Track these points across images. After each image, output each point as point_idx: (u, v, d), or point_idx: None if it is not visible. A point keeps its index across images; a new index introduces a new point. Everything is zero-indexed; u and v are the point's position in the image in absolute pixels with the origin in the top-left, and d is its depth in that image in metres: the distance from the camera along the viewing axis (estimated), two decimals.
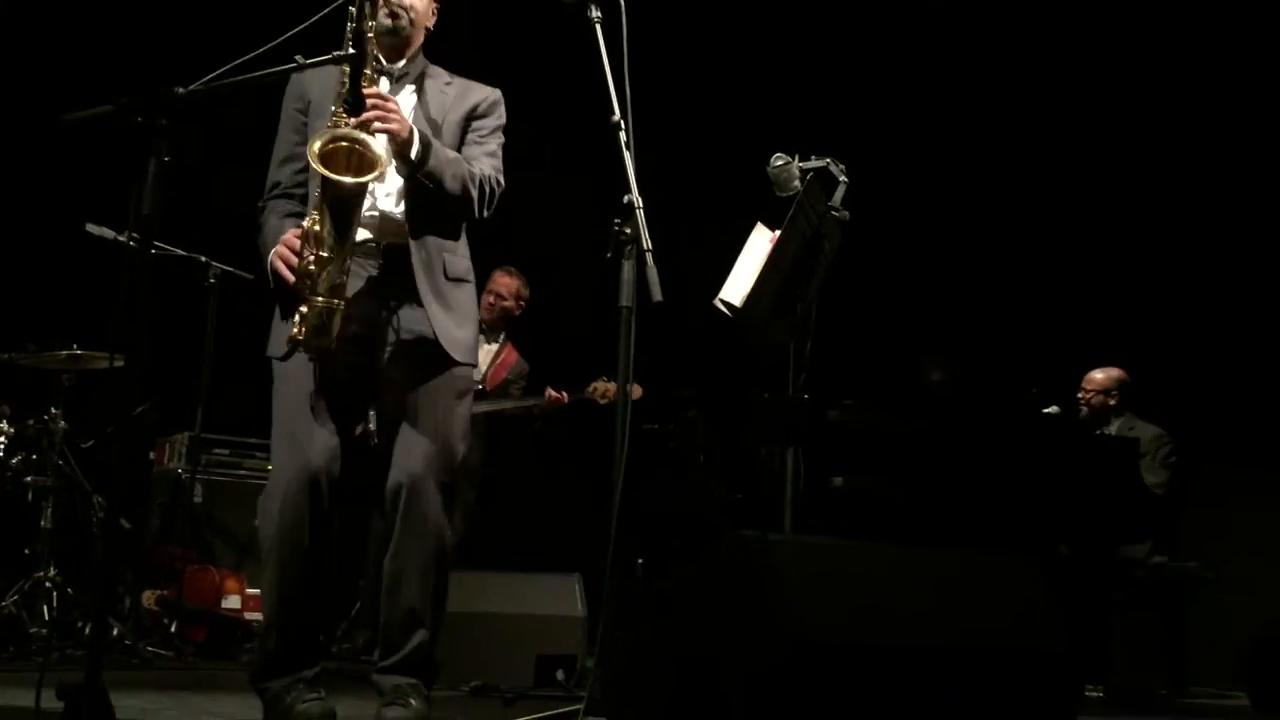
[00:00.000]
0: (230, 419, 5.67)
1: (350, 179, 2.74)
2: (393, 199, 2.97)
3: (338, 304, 2.76)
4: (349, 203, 2.78)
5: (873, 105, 6.58)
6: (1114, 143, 6.51)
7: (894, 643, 2.36)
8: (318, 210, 2.79)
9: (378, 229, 2.96)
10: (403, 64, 3.08)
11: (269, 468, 3.18)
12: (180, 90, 2.50)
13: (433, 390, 2.94)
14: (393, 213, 2.96)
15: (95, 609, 2.92)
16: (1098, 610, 4.99)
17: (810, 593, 2.32)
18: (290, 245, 2.84)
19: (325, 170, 2.73)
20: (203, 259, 5.09)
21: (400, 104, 2.93)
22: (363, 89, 2.80)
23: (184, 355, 5.19)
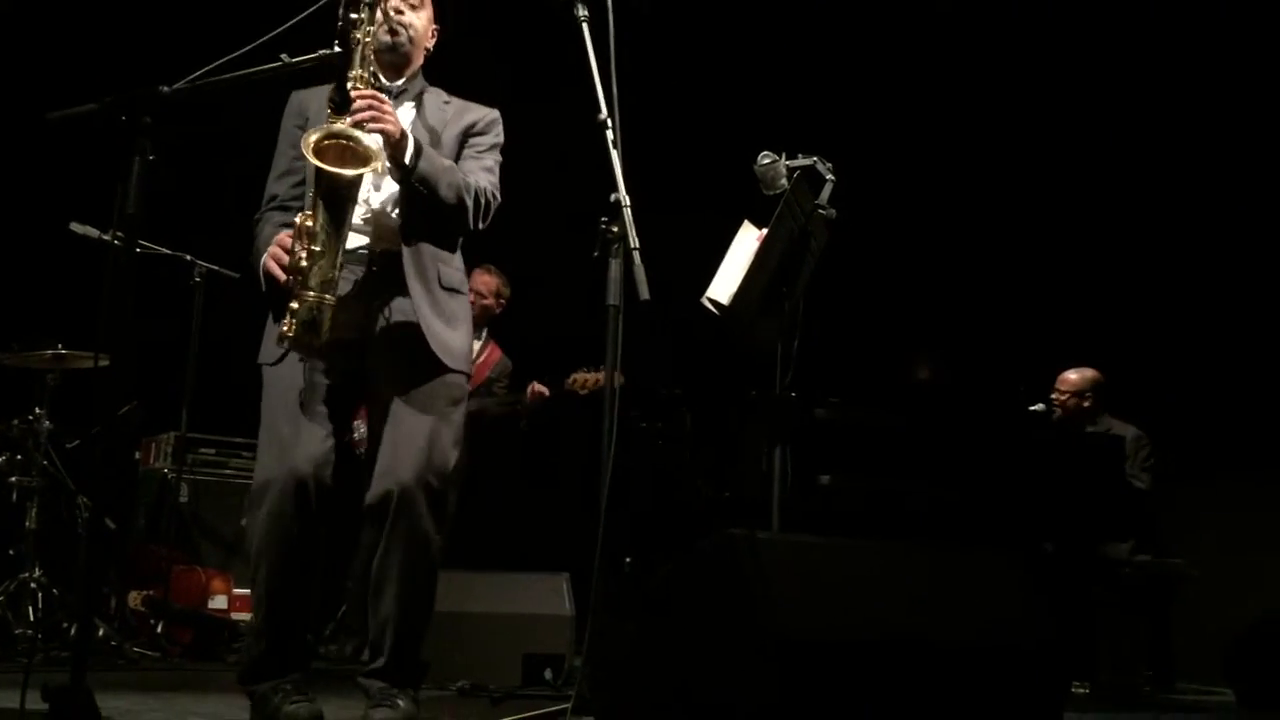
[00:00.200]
0: (216, 418, 5.66)
1: (345, 170, 2.73)
2: (387, 206, 2.96)
3: (329, 299, 2.74)
4: (343, 196, 2.77)
5: (859, 104, 6.60)
6: (1099, 143, 6.53)
7: (881, 640, 2.36)
8: (311, 206, 2.78)
9: (372, 235, 2.95)
10: (401, 82, 3.09)
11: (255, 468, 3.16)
12: (165, 89, 2.49)
13: (425, 397, 2.93)
14: (387, 220, 2.95)
15: (80, 610, 2.91)
16: (1083, 607, 5.00)
17: (798, 591, 2.32)
18: (282, 244, 2.83)
19: (319, 162, 2.72)
20: (188, 258, 5.08)
21: (399, 118, 2.91)
22: (349, 88, 2.80)
23: (169, 355, 5.18)
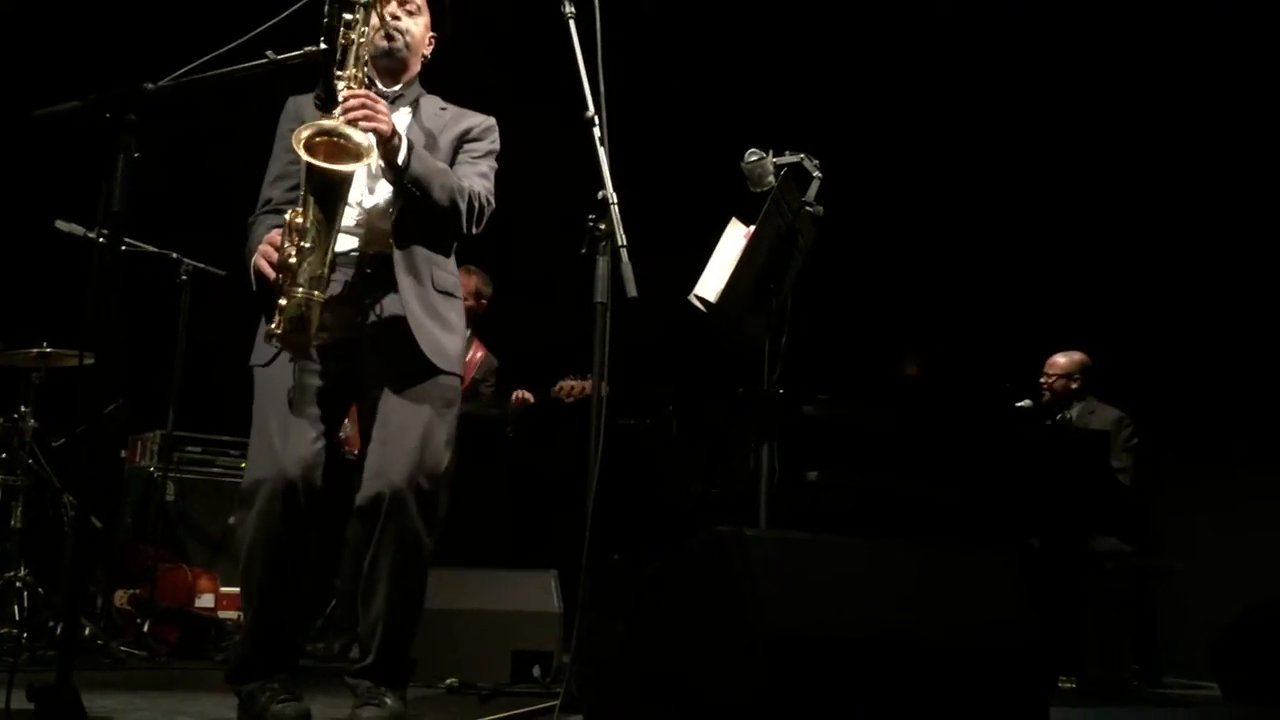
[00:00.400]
0: (202, 417, 5.64)
1: (336, 166, 2.71)
2: (380, 208, 2.95)
3: (317, 296, 2.71)
4: (334, 192, 2.75)
5: (846, 101, 6.60)
6: (1084, 140, 6.55)
7: (869, 637, 2.36)
8: (302, 203, 2.76)
9: (364, 238, 2.94)
10: (398, 87, 3.09)
11: (242, 465, 3.16)
12: (149, 86, 2.48)
13: (417, 398, 2.92)
14: (379, 223, 2.94)
15: (67, 609, 2.91)
16: (1069, 602, 5.02)
17: (785, 587, 2.32)
18: (272, 242, 2.81)
19: (310, 158, 2.70)
20: (174, 255, 5.06)
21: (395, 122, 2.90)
22: (341, 88, 2.79)
23: (155, 353, 5.16)
